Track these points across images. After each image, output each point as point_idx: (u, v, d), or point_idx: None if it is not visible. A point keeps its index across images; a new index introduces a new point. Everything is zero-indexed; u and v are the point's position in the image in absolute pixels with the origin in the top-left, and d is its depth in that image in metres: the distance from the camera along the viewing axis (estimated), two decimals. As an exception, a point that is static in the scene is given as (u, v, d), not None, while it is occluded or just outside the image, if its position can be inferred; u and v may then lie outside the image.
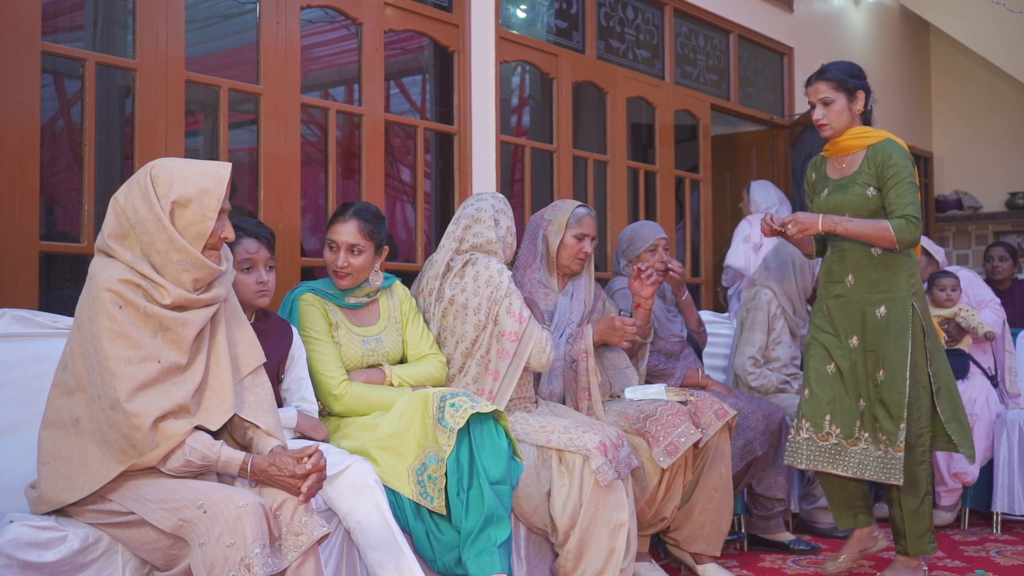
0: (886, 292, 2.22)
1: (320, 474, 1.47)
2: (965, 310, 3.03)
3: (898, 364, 2.19)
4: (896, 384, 2.19)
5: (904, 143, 2.29)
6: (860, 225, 2.19)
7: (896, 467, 2.17)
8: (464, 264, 2.15)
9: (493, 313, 2.09)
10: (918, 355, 2.20)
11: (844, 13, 4.98)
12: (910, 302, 2.21)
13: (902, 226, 2.17)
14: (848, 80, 2.26)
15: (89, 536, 1.44)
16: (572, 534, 1.99)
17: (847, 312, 2.26)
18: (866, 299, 2.24)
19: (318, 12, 2.64)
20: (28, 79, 1.94)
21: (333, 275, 2.02)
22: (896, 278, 2.22)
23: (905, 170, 2.20)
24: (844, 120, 2.27)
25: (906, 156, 2.23)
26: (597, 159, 3.43)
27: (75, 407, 1.46)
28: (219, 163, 1.54)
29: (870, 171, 2.23)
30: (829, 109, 2.26)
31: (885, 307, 2.21)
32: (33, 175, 1.95)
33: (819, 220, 2.20)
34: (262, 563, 1.34)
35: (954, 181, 5.95)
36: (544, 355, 2.11)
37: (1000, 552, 2.72)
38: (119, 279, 1.45)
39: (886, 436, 2.19)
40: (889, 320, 2.21)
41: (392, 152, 2.91)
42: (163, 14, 2.16)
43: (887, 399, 2.19)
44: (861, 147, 2.26)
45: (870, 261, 2.23)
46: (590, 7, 3.42)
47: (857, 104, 2.27)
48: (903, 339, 2.19)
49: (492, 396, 2.09)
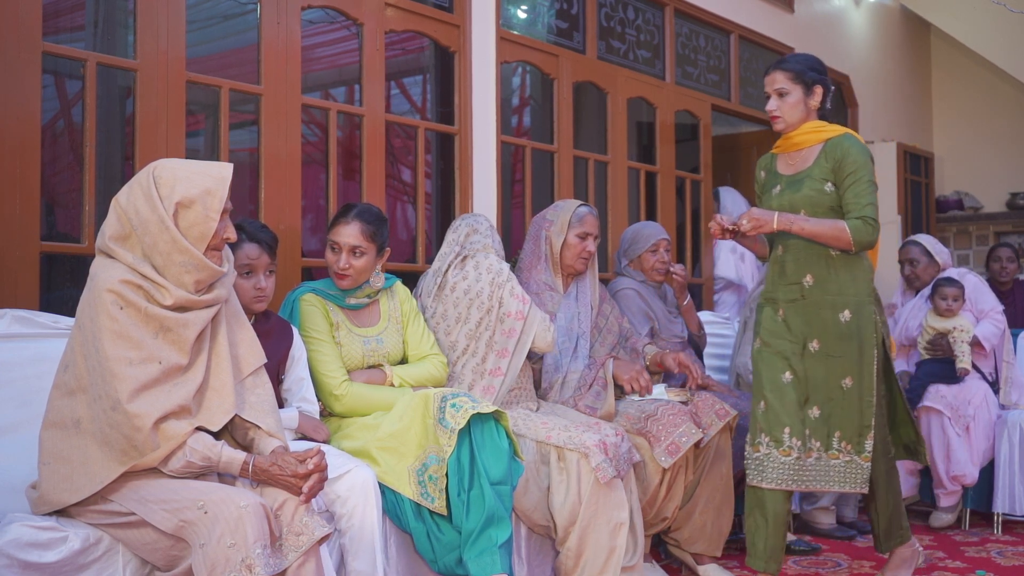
0: (846, 295, 2.12)
1: (322, 474, 1.48)
2: (961, 333, 2.95)
3: (867, 372, 2.10)
4: (864, 391, 2.10)
5: (862, 139, 2.19)
6: (816, 225, 2.09)
7: (862, 476, 2.09)
8: (464, 259, 2.18)
9: (496, 296, 2.13)
10: (878, 363, 2.14)
11: (844, 13, 4.98)
12: (870, 307, 2.14)
13: (859, 227, 2.07)
14: (807, 73, 2.16)
15: (90, 536, 1.44)
16: (572, 531, 1.99)
17: (806, 315, 2.15)
18: (826, 301, 2.13)
19: (319, 12, 2.63)
20: (29, 79, 1.94)
21: (334, 276, 2.02)
22: (855, 280, 2.13)
23: (864, 168, 2.11)
24: (798, 114, 2.16)
25: (865, 153, 2.13)
26: (598, 159, 3.43)
27: (76, 408, 1.46)
28: (220, 163, 1.54)
29: (827, 165, 2.13)
30: (784, 101, 2.16)
31: (849, 312, 2.11)
32: (34, 175, 1.95)
33: (775, 218, 2.10)
34: (263, 563, 1.34)
35: (955, 181, 5.94)
36: (548, 333, 2.15)
37: (1001, 552, 2.72)
38: (120, 280, 1.45)
39: (850, 445, 2.10)
40: (854, 326, 2.12)
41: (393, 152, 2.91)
42: (164, 14, 2.16)
43: (854, 407, 2.10)
44: (816, 142, 2.16)
45: (829, 262, 2.14)
46: (591, 8, 3.42)
47: (813, 99, 2.16)
48: (868, 345, 2.11)
49: (504, 373, 2.11)
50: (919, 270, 3.20)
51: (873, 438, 2.10)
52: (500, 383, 2.14)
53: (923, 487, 3.11)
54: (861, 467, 2.10)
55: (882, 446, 2.16)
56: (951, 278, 3.06)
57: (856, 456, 2.11)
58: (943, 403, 2.95)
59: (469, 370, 2.14)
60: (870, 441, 2.10)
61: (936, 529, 2.97)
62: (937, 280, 3.07)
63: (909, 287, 3.28)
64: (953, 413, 2.95)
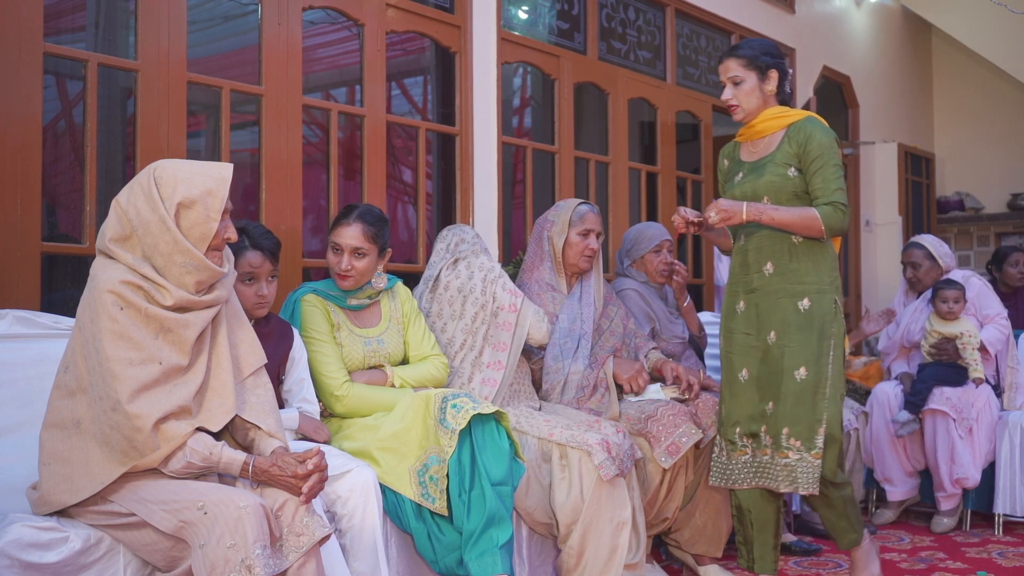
0: (810, 284, 2.02)
1: (322, 475, 1.47)
2: (969, 339, 2.91)
3: (823, 362, 1.98)
4: (820, 383, 1.98)
5: (825, 122, 2.10)
6: (787, 214, 1.99)
7: (812, 474, 1.96)
8: (455, 261, 2.20)
9: (489, 292, 2.15)
10: (838, 356, 2.01)
11: (845, 14, 4.98)
12: (832, 296, 2.03)
13: (830, 213, 1.98)
14: (759, 58, 2.07)
15: (90, 537, 1.44)
16: (574, 529, 2.00)
17: (766, 305, 2.05)
18: (786, 290, 2.03)
19: (320, 13, 2.64)
20: (30, 80, 1.95)
21: (336, 277, 2.02)
22: (818, 269, 2.03)
23: (829, 151, 2.01)
24: (754, 101, 2.07)
25: (830, 135, 2.04)
26: (599, 160, 3.43)
27: (76, 408, 1.46)
28: (221, 164, 1.54)
29: (791, 150, 2.03)
30: (739, 89, 2.07)
31: (809, 300, 2.00)
32: (35, 176, 1.95)
33: (743, 208, 2.00)
34: (263, 564, 1.34)
35: (956, 182, 5.94)
36: (543, 325, 2.17)
37: (1002, 553, 2.72)
38: (121, 280, 1.45)
39: (799, 441, 1.97)
40: (813, 314, 2.00)
41: (394, 153, 2.91)
42: (165, 15, 2.17)
43: (807, 400, 1.98)
44: (779, 128, 2.07)
45: (791, 249, 2.03)
46: (592, 8, 3.42)
47: (769, 84, 2.07)
48: (827, 334, 2.00)
49: (503, 366, 2.12)
50: (921, 273, 3.17)
51: (825, 433, 1.97)
52: (501, 376, 2.15)
53: (924, 488, 3.11)
54: (812, 465, 1.96)
55: (833, 440, 2.01)
56: (951, 280, 3.03)
57: (806, 453, 1.97)
58: (948, 405, 2.94)
59: (468, 364, 2.15)
60: (821, 437, 1.97)
61: (938, 535, 2.96)
62: (935, 285, 3.05)
63: (912, 290, 3.26)
64: (957, 416, 2.94)
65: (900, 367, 3.22)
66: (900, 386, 3.11)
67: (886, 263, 5.11)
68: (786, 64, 2.13)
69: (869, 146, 5.06)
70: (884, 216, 5.14)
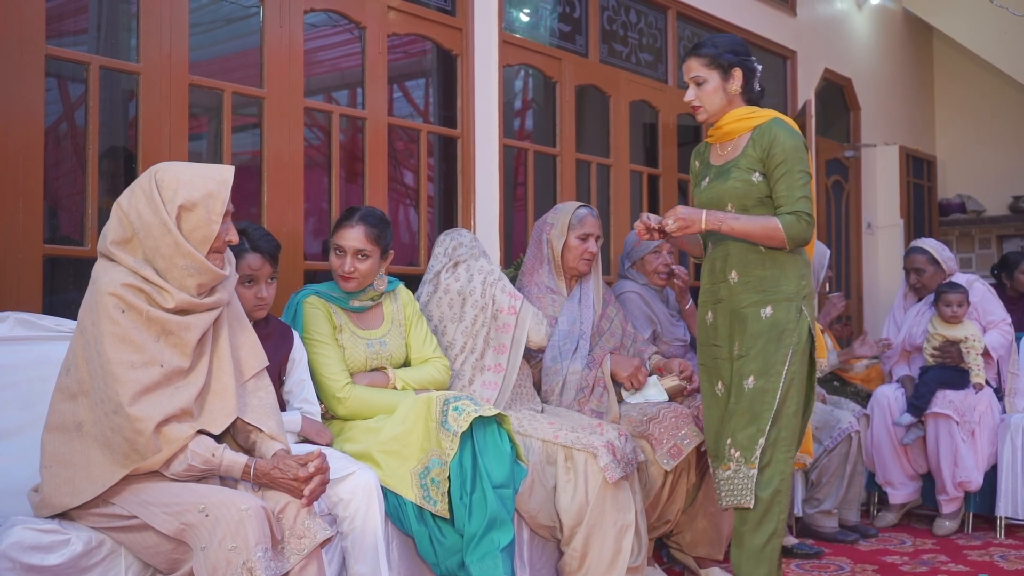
0: (772, 292, 1.93)
1: (323, 477, 1.48)
2: (973, 343, 2.90)
3: (774, 371, 1.87)
4: (767, 394, 1.87)
5: (795, 124, 2.00)
6: (747, 223, 1.91)
7: (747, 486, 1.86)
8: (455, 264, 2.19)
9: (489, 294, 2.15)
10: (800, 368, 1.90)
11: (847, 16, 4.98)
12: (798, 304, 1.93)
13: (793, 223, 1.89)
14: (722, 56, 1.97)
15: (92, 539, 1.45)
16: (578, 532, 2.00)
17: (731, 315, 1.97)
18: (750, 299, 1.94)
19: (321, 16, 2.64)
20: (32, 82, 1.95)
21: (339, 279, 2.02)
22: (785, 276, 1.93)
23: (794, 156, 1.91)
24: (718, 102, 1.98)
25: (796, 138, 1.94)
26: (600, 162, 3.43)
27: (78, 411, 1.46)
28: (222, 166, 1.54)
29: (755, 154, 1.94)
30: (702, 90, 1.98)
31: (771, 308, 1.91)
32: (37, 178, 1.95)
33: (702, 217, 1.91)
34: (264, 566, 1.34)
35: (957, 184, 5.94)
36: (541, 327, 2.16)
37: (1004, 556, 2.71)
38: (122, 283, 1.45)
39: (740, 452, 1.88)
40: (773, 323, 1.91)
41: (395, 155, 2.91)
42: (167, 18, 2.17)
43: (752, 410, 1.88)
44: (746, 130, 1.97)
45: (757, 257, 1.95)
46: (593, 11, 3.42)
47: (732, 83, 1.97)
48: (784, 343, 1.89)
49: (504, 369, 2.13)
50: (925, 279, 3.15)
51: (764, 445, 1.86)
52: (503, 379, 2.15)
53: (925, 491, 3.11)
54: (747, 476, 1.86)
55: (772, 460, 1.88)
56: (955, 283, 3.03)
57: (743, 465, 1.87)
58: (951, 408, 2.94)
59: (468, 366, 2.16)
60: (759, 448, 1.86)
61: (940, 538, 2.96)
62: (938, 288, 3.04)
63: (915, 295, 3.25)
64: (960, 419, 2.94)
65: (901, 370, 3.22)
66: (901, 389, 3.11)
67: (887, 266, 5.11)
68: (753, 61, 2.03)
69: (870, 148, 5.07)
70: (885, 219, 5.14)
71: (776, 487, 1.88)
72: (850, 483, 2.88)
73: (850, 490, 2.90)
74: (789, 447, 1.90)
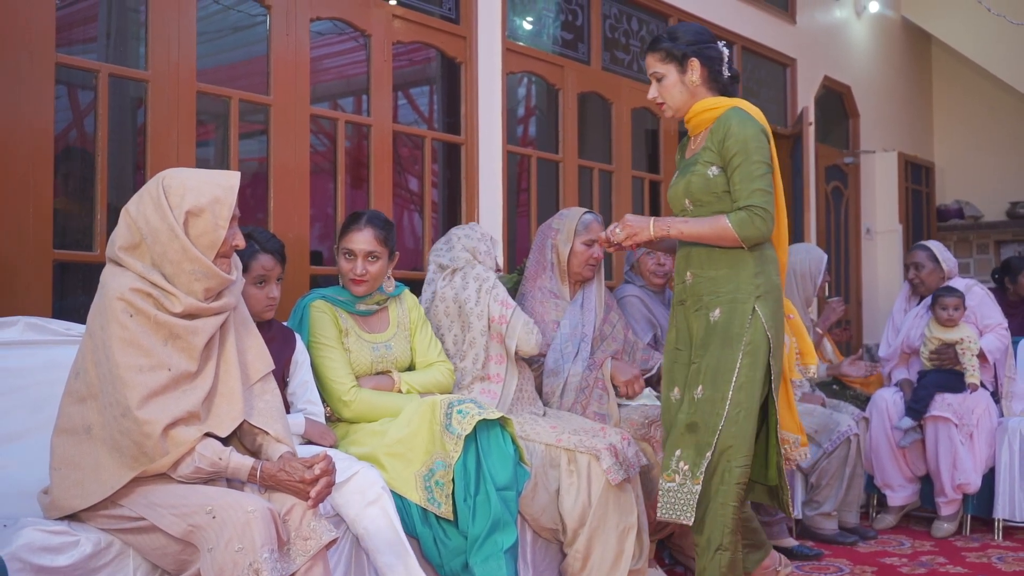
0: (724, 294, 1.81)
1: (329, 479, 1.48)
2: (968, 344, 2.92)
3: (722, 380, 1.75)
4: (715, 403, 1.75)
5: (756, 111, 1.85)
6: (696, 226, 1.80)
7: (689, 503, 1.74)
8: (452, 272, 2.21)
9: (484, 302, 2.16)
10: (752, 371, 1.76)
11: (846, 24, 5.01)
12: (751, 305, 1.79)
13: (744, 221, 1.76)
14: (676, 48, 1.85)
15: (101, 541, 1.45)
16: (580, 533, 2.02)
17: (687, 318, 1.87)
18: (700, 302, 1.84)
19: (327, 24, 2.67)
20: (42, 90, 1.97)
21: (350, 283, 2.03)
22: (738, 276, 1.80)
23: (749, 145, 1.77)
24: (679, 96, 1.87)
25: (751, 127, 1.79)
26: (602, 168, 3.46)
27: (87, 414, 1.47)
28: (228, 172, 1.55)
29: (712, 148, 1.82)
30: (662, 85, 1.87)
31: (720, 311, 1.79)
32: (47, 184, 1.98)
33: (650, 224, 1.83)
34: (271, 568, 1.35)
35: (955, 190, 5.97)
36: (532, 336, 2.16)
37: (1002, 558, 2.72)
38: (130, 288, 1.46)
39: (687, 465, 1.76)
40: (720, 326, 1.79)
41: (400, 162, 2.94)
42: (175, 26, 2.20)
43: (699, 421, 1.77)
44: (709, 122, 1.85)
45: (710, 256, 1.83)
46: (595, 19, 3.46)
47: (691, 75, 1.85)
48: (733, 349, 1.76)
49: (503, 379, 2.15)
50: (924, 275, 3.18)
51: (711, 458, 1.75)
52: (501, 388, 2.17)
53: (924, 493, 3.12)
54: (690, 492, 1.74)
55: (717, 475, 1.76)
56: (951, 287, 3.05)
57: (688, 480, 1.76)
58: (950, 412, 2.96)
59: (468, 376, 2.17)
60: (706, 462, 1.75)
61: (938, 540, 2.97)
62: (935, 292, 3.05)
63: (914, 293, 3.27)
64: (959, 422, 2.96)
65: (900, 373, 3.24)
66: (900, 392, 3.12)
67: (886, 270, 5.13)
68: (714, 49, 1.88)
69: (870, 155, 5.09)
70: (884, 224, 5.16)
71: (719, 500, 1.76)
72: (849, 486, 2.89)
73: (849, 492, 2.90)
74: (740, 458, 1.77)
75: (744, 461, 1.77)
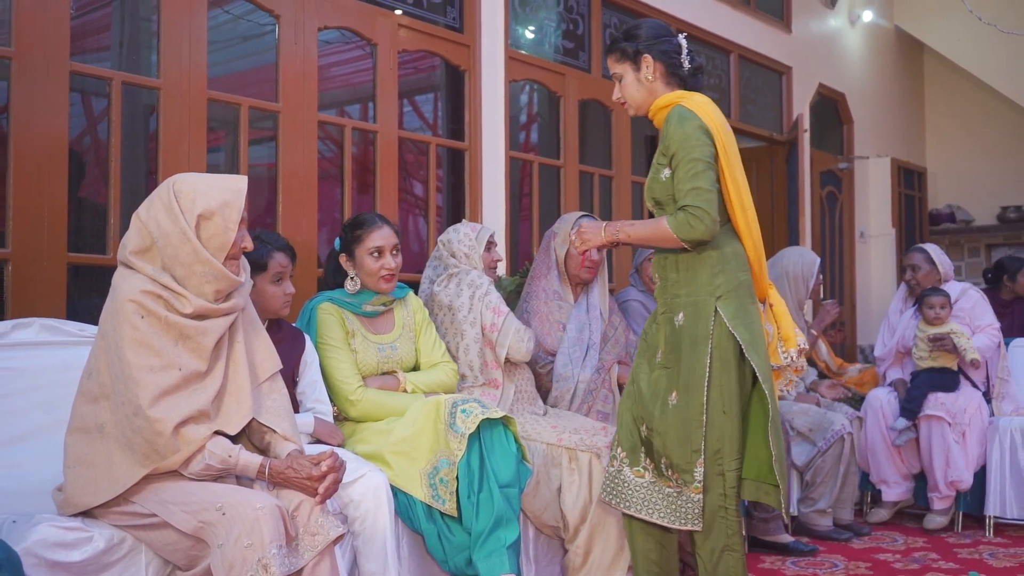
0: (684, 296, 1.77)
1: (336, 476, 1.50)
2: (957, 333, 2.98)
3: (694, 385, 1.71)
4: (692, 409, 1.72)
5: (701, 106, 1.77)
6: (641, 229, 1.78)
7: (693, 510, 1.73)
8: (449, 276, 2.24)
9: (477, 309, 2.18)
10: (724, 372, 1.72)
11: (841, 33, 5.07)
12: (712, 307, 1.74)
13: (681, 223, 1.71)
14: (628, 46, 1.81)
15: (114, 537, 1.47)
16: (582, 530, 2.04)
17: (655, 322, 1.85)
18: (664, 306, 1.81)
19: (335, 33, 2.70)
20: (57, 97, 2.00)
21: (379, 281, 2.04)
22: (696, 278, 1.76)
23: (687, 143, 1.71)
24: (638, 94, 1.82)
25: (689, 124, 1.73)
26: (603, 174, 3.50)
27: (100, 413, 1.48)
28: (236, 176, 1.57)
29: (662, 149, 1.79)
30: (622, 85, 1.85)
31: (683, 314, 1.76)
32: (61, 189, 2.01)
33: (602, 230, 1.81)
34: (279, 563, 1.37)
35: (947, 195, 6.03)
36: (523, 344, 2.18)
37: (993, 554, 2.75)
38: (141, 290, 1.48)
39: (679, 475, 1.74)
40: (684, 330, 1.75)
41: (405, 167, 2.97)
42: (186, 35, 2.24)
43: (680, 428, 1.73)
44: (663, 120, 1.82)
45: (673, 259, 1.80)
46: (596, 28, 3.50)
47: (645, 71, 1.80)
48: (700, 352, 1.72)
49: (500, 385, 2.18)
50: (920, 276, 3.23)
51: (704, 464, 1.72)
52: (499, 393, 2.19)
53: (917, 491, 3.16)
54: (691, 500, 1.73)
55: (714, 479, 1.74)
56: (937, 288, 3.10)
57: (685, 488, 1.74)
58: (944, 410, 3.00)
59: (468, 381, 2.21)
60: (700, 469, 1.72)
61: (929, 531, 3.01)
62: (922, 292, 3.11)
63: (910, 294, 3.32)
64: (952, 420, 3.00)
65: (895, 373, 3.28)
66: (894, 392, 3.17)
67: (879, 274, 5.18)
68: (669, 43, 1.82)
69: (863, 160, 5.15)
70: (878, 228, 5.22)
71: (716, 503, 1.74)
72: (843, 483, 2.93)
73: (844, 490, 2.94)
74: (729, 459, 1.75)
75: (735, 464, 1.75)
